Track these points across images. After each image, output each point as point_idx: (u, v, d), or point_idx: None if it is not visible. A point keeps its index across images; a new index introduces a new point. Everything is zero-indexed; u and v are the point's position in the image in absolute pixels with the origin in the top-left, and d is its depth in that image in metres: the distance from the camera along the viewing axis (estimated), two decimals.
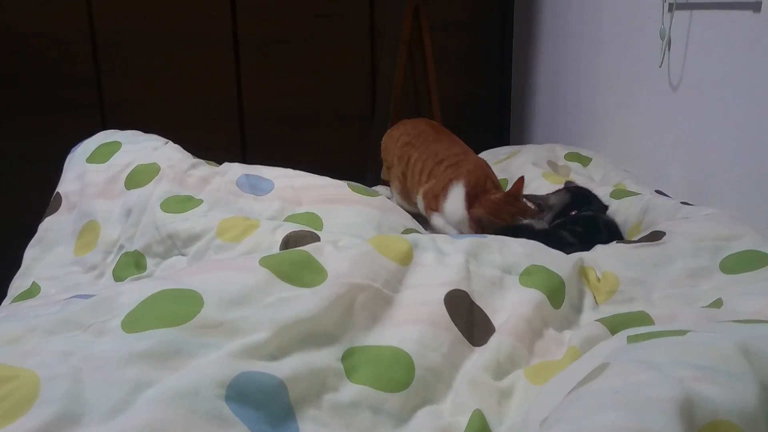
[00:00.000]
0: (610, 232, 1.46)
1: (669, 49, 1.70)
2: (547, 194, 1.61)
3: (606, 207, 1.57)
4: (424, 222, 1.75)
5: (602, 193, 1.62)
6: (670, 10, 1.66)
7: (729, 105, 1.49)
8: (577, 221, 1.47)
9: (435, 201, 1.69)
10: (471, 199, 1.63)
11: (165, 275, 1.19)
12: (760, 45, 1.38)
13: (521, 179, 1.62)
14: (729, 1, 1.46)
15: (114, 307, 0.92)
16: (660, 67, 1.74)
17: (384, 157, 1.99)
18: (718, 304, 1.09)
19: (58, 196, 1.60)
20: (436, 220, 1.70)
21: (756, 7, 1.39)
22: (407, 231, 1.51)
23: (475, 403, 0.92)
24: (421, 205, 1.76)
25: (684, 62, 1.65)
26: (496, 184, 1.70)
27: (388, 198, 1.78)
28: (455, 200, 1.64)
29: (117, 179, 1.56)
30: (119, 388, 0.79)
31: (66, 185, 1.61)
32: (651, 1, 1.78)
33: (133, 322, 0.89)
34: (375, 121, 2.43)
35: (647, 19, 1.80)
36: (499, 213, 1.57)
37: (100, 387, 0.79)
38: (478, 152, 2.25)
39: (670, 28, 1.67)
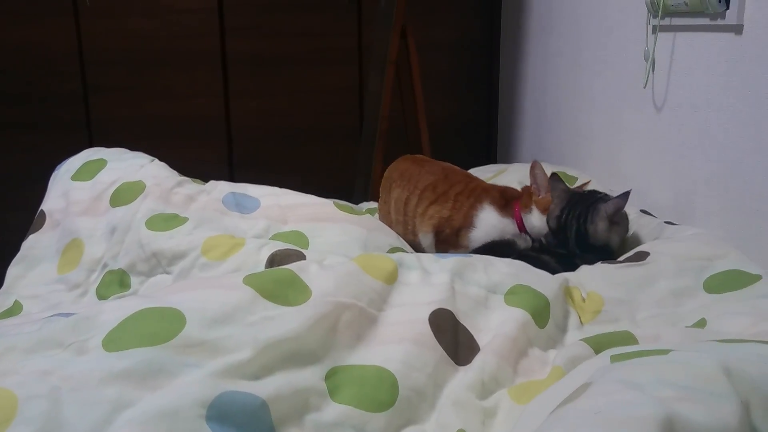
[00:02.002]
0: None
1: (653, 71, 1.72)
2: (557, 200, 1.54)
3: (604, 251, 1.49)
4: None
5: None
6: (654, 32, 1.68)
7: (712, 126, 1.50)
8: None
9: (456, 237, 1.63)
10: (505, 207, 1.61)
11: (148, 293, 1.19)
12: (742, 67, 1.40)
13: (589, 182, 1.62)
14: (711, 24, 1.48)
15: (95, 326, 0.91)
16: (644, 88, 1.76)
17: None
18: (701, 323, 1.10)
19: (42, 214, 1.59)
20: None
21: (738, 30, 1.41)
22: (393, 250, 1.51)
23: (458, 423, 0.91)
24: (427, 242, 1.69)
25: (668, 83, 1.67)
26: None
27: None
28: (487, 220, 1.60)
29: (102, 197, 1.55)
30: (98, 408, 0.78)
31: (50, 203, 1.60)
32: (635, 23, 1.80)
33: (114, 341, 0.88)
34: (363, 140, 2.44)
35: (632, 41, 1.82)
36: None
37: (79, 407, 0.78)
38: (466, 170, 2.26)
39: (654, 50, 1.69)
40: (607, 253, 1.46)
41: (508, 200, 1.63)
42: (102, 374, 0.82)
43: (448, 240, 1.64)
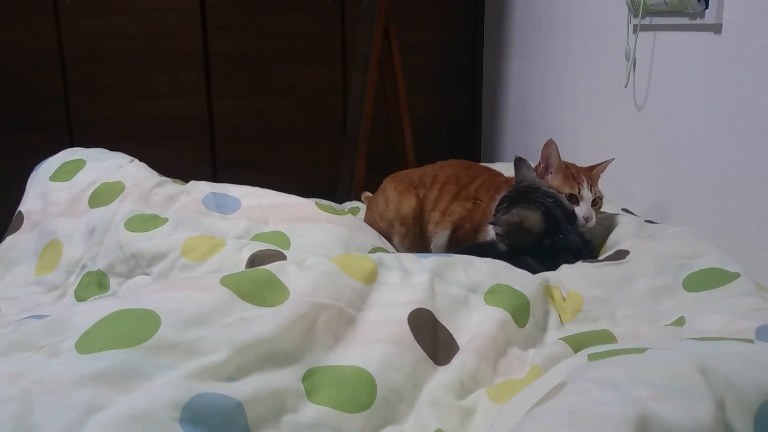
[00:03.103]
0: (578, 257, 1.44)
1: (634, 70, 1.73)
2: (522, 212, 1.42)
3: (574, 220, 1.45)
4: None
5: None
6: (635, 31, 1.69)
7: (692, 124, 1.51)
8: (545, 250, 1.45)
9: (475, 233, 1.57)
10: None
11: (123, 295, 1.17)
12: (722, 66, 1.40)
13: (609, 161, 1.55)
14: (691, 23, 1.49)
15: (68, 328, 0.90)
16: (625, 87, 1.77)
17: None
18: (680, 322, 1.10)
19: (20, 215, 1.57)
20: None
21: (717, 29, 1.41)
22: (375, 250, 1.51)
23: (436, 423, 0.91)
24: (441, 240, 1.63)
25: (648, 82, 1.67)
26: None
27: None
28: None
29: (80, 198, 1.54)
30: (70, 410, 0.77)
31: (28, 204, 1.59)
32: (616, 22, 1.80)
33: (88, 343, 0.87)
34: (346, 139, 2.43)
35: (613, 41, 1.83)
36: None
37: (51, 410, 0.77)
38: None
39: (634, 49, 1.70)
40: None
41: None
42: (74, 377, 0.81)
43: (466, 237, 1.59)
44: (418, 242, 1.68)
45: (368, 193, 1.95)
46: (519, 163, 1.52)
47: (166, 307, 0.93)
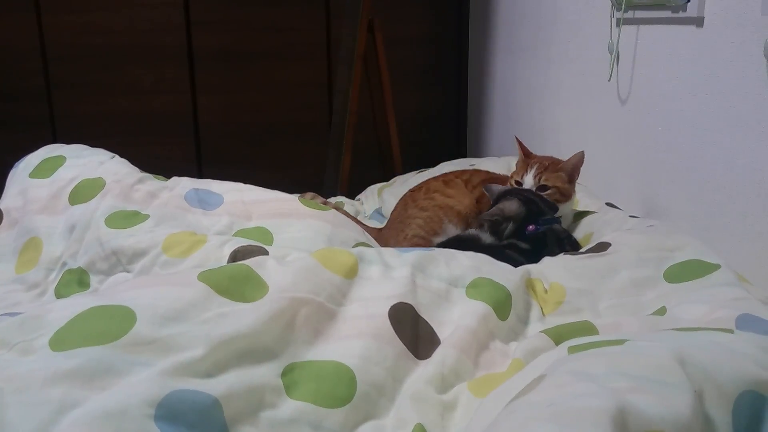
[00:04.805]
0: (562, 248, 1.46)
1: (617, 64, 1.73)
2: (500, 204, 1.51)
3: (556, 208, 1.52)
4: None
5: None
6: (618, 25, 1.69)
7: (675, 117, 1.51)
8: (528, 239, 1.46)
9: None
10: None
11: (99, 291, 1.16)
12: (704, 59, 1.40)
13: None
14: (673, 16, 1.49)
15: (42, 325, 0.89)
16: (609, 80, 1.77)
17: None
18: (661, 312, 1.10)
19: None
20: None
21: (699, 23, 1.41)
22: (358, 245, 1.50)
23: (417, 418, 0.90)
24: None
25: (632, 76, 1.67)
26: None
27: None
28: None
29: (61, 194, 1.52)
30: (43, 408, 0.76)
31: (8, 201, 1.57)
32: (600, 16, 1.80)
33: (62, 341, 0.86)
34: (331, 135, 2.42)
35: (596, 35, 1.83)
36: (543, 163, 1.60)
37: (23, 408, 0.76)
38: (436, 164, 2.25)
39: (618, 43, 1.70)
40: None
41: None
42: (47, 374, 0.80)
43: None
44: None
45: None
46: (488, 188, 1.61)
47: (142, 303, 0.92)
